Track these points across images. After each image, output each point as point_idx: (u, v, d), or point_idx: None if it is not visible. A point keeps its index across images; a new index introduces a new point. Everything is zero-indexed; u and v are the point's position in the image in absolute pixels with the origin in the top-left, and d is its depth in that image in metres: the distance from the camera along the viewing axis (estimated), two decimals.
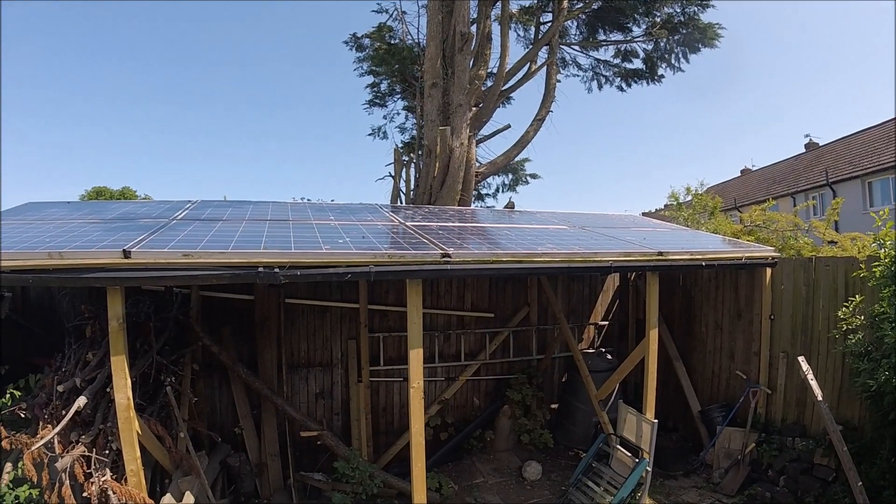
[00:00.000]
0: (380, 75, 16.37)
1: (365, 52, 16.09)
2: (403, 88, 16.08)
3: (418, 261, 5.06)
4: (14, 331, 6.39)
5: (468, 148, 11.65)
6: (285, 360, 7.44)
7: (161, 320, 6.10)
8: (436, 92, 11.88)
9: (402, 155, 13.49)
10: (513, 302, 8.65)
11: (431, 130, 11.72)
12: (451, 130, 11.37)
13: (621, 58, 15.03)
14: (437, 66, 11.88)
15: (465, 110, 11.66)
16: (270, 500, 6.81)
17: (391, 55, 15.11)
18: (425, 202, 11.57)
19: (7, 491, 4.56)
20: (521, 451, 8.21)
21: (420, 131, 13.43)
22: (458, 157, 11.27)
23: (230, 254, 4.65)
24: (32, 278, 4.50)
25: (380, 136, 17.87)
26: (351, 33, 15.97)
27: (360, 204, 8.41)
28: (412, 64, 14.83)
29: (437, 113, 11.87)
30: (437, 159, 11.29)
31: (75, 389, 4.84)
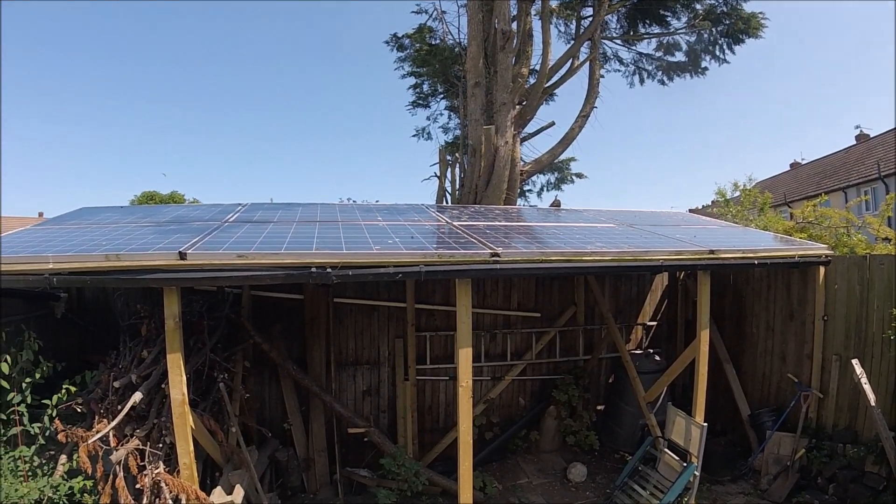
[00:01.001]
0: (422, 76, 16.33)
1: (406, 53, 16.07)
2: (446, 88, 16.00)
3: (467, 260, 5.06)
4: (70, 329, 6.61)
5: (513, 146, 11.54)
6: (333, 358, 7.53)
7: (214, 319, 6.24)
8: (479, 91, 11.80)
9: (446, 155, 13.46)
10: (559, 301, 8.57)
11: (475, 130, 11.66)
12: (496, 129, 11.28)
13: (664, 51, 14.71)
14: (480, 65, 11.79)
15: (509, 108, 11.56)
16: (317, 495, 6.93)
17: (432, 55, 15.06)
18: (471, 202, 11.52)
19: (61, 482, 4.72)
20: (566, 452, 8.14)
21: (464, 131, 13.38)
22: (503, 156, 11.18)
23: (283, 254, 4.73)
24: (90, 279, 4.68)
25: (424, 137, 17.92)
26: (391, 33, 15.99)
27: (406, 204, 8.45)
28: (454, 64, 14.75)
29: (480, 112, 11.79)
30: (481, 158, 11.23)
31: (131, 385, 4.97)
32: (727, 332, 8.25)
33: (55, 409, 5.01)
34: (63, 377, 5.35)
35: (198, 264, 4.62)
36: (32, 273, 4.63)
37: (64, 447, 4.97)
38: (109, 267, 4.61)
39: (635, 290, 8.97)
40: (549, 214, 8.84)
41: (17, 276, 4.67)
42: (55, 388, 5.19)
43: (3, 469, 4.61)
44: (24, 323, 5.49)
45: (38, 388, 5.15)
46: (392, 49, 16.10)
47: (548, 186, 17.94)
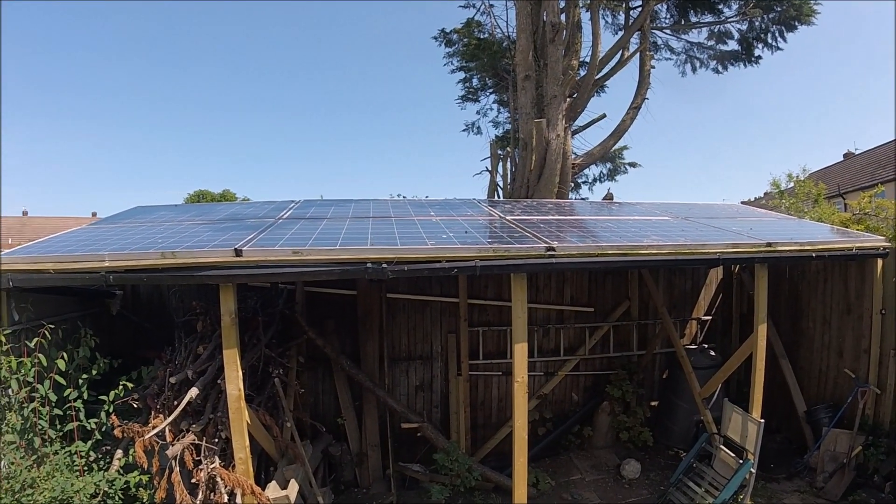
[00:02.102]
0: (471, 70, 16.33)
1: (454, 48, 16.10)
2: (495, 83, 15.97)
3: (523, 255, 4.98)
4: (125, 326, 6.71)
5: (564, 139, 11.40)
6: (386, 353, 7.54)
7: (268, 315, 6.29)
8: (529, 84, 11.68)
9: (497, 149, 13.39)
10: (613, 296, 8.42)
11: (527, 123, 11.52)
12: (547, 122, 11.13)
13: (715, 39, 14.40)
14: (529, 59, 11.68)
15: (560, 101, 11.38)
16: (369, 490, 6.94)
17: (481, 50, 15.06)
18: (523, 196, 11.43)
19: (117, 476, 4.76)
20: (620, 448, 8.00)
21: (514, 125, 13.29)
22: (555, 149, 11.04)
23: (339, 250, 4.73)
24: (146, 277, 4.73)
25: (474, 132, 17.96)
26: (439, 29, 15.99)
27: (458, 199, 8.39)
28: (502, 57, 14.70)
29: (531, 105, 11.68)
30: (533, 152, 11.10)
31: (187, 381, 5.02)
32: (782, 327, 8.00)
33: (112, 404, 5.07)
34: (119, 373, 5.40)
35: (253, 261, 4.64)
36: (89, 271, 4.71)
37: (120, 442, 5.05)
38: (166, 264, 4.66)
39: (689, 283, 8.77)
40: (602, 208, 8.70)
41: (73, 274, 4.77)
42: (111, 384, 5.24)
43: (59, 464, 4.65)
44: (79, 320, 5.58)
45: (94, 384, 5.20)
46: (440, 44, 16.19)
47: (600, 178, 17.79)
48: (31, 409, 4.75)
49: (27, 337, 4.97)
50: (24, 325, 5.15)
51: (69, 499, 4.42)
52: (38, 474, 4.51)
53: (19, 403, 4.75)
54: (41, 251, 5.27)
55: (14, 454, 4.60)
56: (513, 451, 5.20)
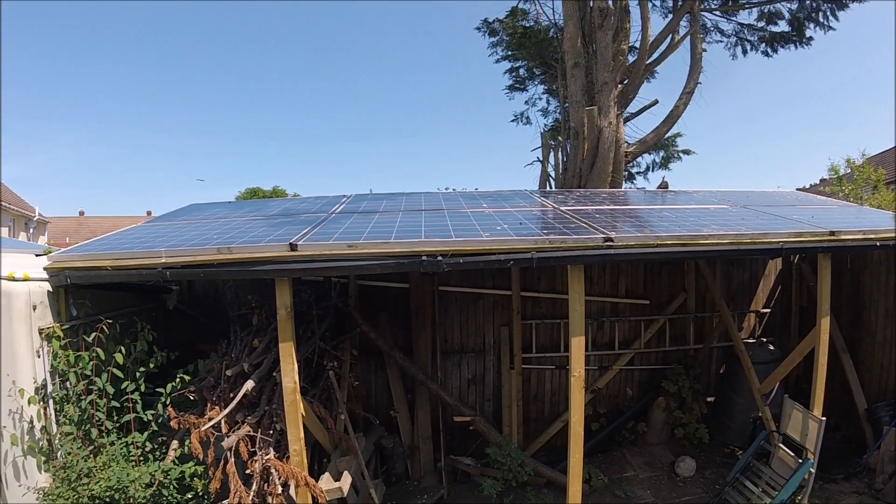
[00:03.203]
0: (517, 59, 16.17)
1: (498, 37, 15.94)
2: (542, 71, 15.78)
3: (580, 246, 4.87)
4: (181, 320, 6.82)
5: (616, 127, 11.19)
6: (439, 347, 7.51)
7: (322, 308, 6.34)
8: (578, 72, 11.48)
9: (549, 139, 13.23)
10: (669, 288, 8.19)
11: (577, 111, 11.34)
12: (598, 110, 10.95)
13: (765, 20, 13.92)
14: (578, 45, 11.48)
15: (611, 88, 11.16)
16: (421, 482, 6.95)
17: (527, 38, 14.87)
18: (575, 186, 11.25)
19: (173, 467, 4.83)
20: (674, 445, 7.81)
21: (565, 113, 13.14)
22: (607, 138, 10.84)
23: (393, 243, 4.70)
24: (203, 272, 4.81)
25: (523, 122, 17.87)
26: (482, 19, 15.86)
27: (510, 190, 8.26)
28: (549, 45, 14.51)
29: (581, 93, 11.49)
30: (584, 141, 10.92)
31: (242, 373, 5.06)
32: (843, 320, 7.68)
33: (168, 396, 5.15)
34: (175, 366, 5.51)
35: (308, 255, 4.67)
36: (146, 267, 4.81)
37: (175, 433, 5.12)
38: (222, 259, 4.72)
39: (748, 275, 8.49)
40: (658, 197, 8.46)
41: (130, 270, 4.87)
42: (168, 376, 5.34)
43: (115, 454, 4.76)
44: (137, 315, 5.67)
45: (151, 377, 5.31)
46: (483, 35, 16.06)
47: (653, 166, 17.49)
48: (88, 401, 4.86)
49: (85, 331, 5.06)
50: (83, 321, 5.24)
51: (125, 488, 4.52)
52: (95, 464, 4.63)
53: (77, 396, 4.88)
54: (98, 249, 5.39)
55: (71, 445, 4.74)
56: (567, 447, 5.12)
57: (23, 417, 4.70)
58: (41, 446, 4.76)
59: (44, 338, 4.84)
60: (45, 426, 4.78)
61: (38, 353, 4.81)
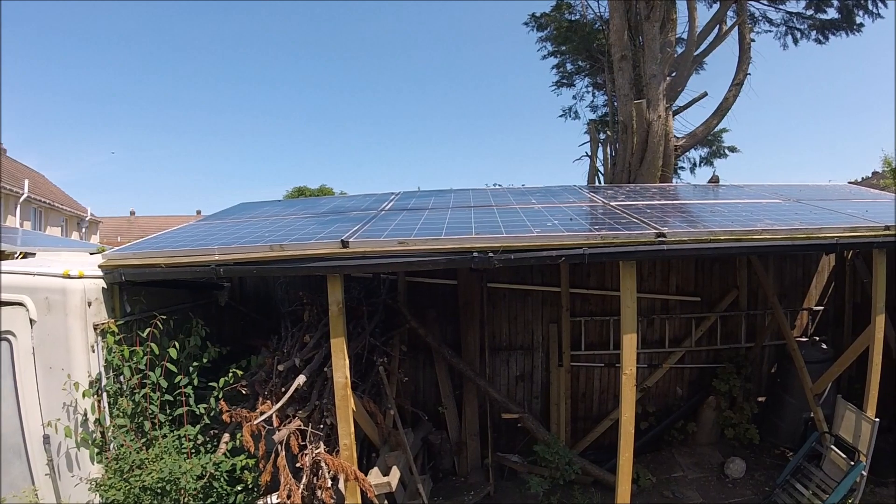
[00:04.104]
0: (563, 54, 16.05)
1: (546, 33, 15.82)
2: (589, 65, 15.63)
3: (632, 241, 4.79)
4: (233, 316, 6.93)
5: (665, 120, 11.00)
6: (487, 343, 7.47)
7: (371, 305, 6.39)
8: (626, 65, 11.34)
9: (597, 133, 13.10)
10: (720, 285, 8.00)
11: (626, 105, 11.23)
12: (647, 103, 10.79)
13: (814, 8, 13.47)
14: (625, 38, 11.34)
15: (660, 81, 10.97)
16: (467, 479, 6.94)
17: (573, 32, 14.74)
18: (624, 180, 11.11)
19: (224, 459, 4.89)
20: (724, 445, 7.62)
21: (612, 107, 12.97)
22: (657, 131, 10.67)
23: (444, 240, 4.71)
24: (256, 269, 4.88)
25: (571, 116, 17.74)
26: (530, 14, 15.78)
27: (559, 186, 8.20)
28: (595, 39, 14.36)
29: (629, 86, 11.34)
30: (633, 135, 10.80)
31: (294, 368, 5.12)
32: None
33: (221, 390, 5.21)
34: (227, 361, 5.57)
35: (360, 251, 4.70)
36: (199, 264, 4.93)
37: (227, 426, 5.17)
38: (274, 257, 4.80)
39: (800, 271, 8.26)
40: (708, 191, 8.29)
41: (184, 267, 4.99)
42: (220, 370, 5.40)
43: (168, 446, 4.84)
44: (190, 311, 5.75)
45: (203, 372, 5.36)
46: (531, 29, 16.01)
47: (700, 162, 17.26)
48: (142, 394, 4.95)
49: (139, 327, 5.15)
50: (137, 316, 5.35)
51: (176, 480, 4.59)
52: (147, 456, 4.71)
53: (131, 389, 4.97)
54: (152, 247, 5.53)
55: (124, 437, 4.83)
56: (615, 446, 5.08)
57: (77, 410, 4.82)
58: (94, 438, 4.87)
59: (98, 333, 4.95)
60: (99, 419, 4.90)
61: (93, 347, 4.92)
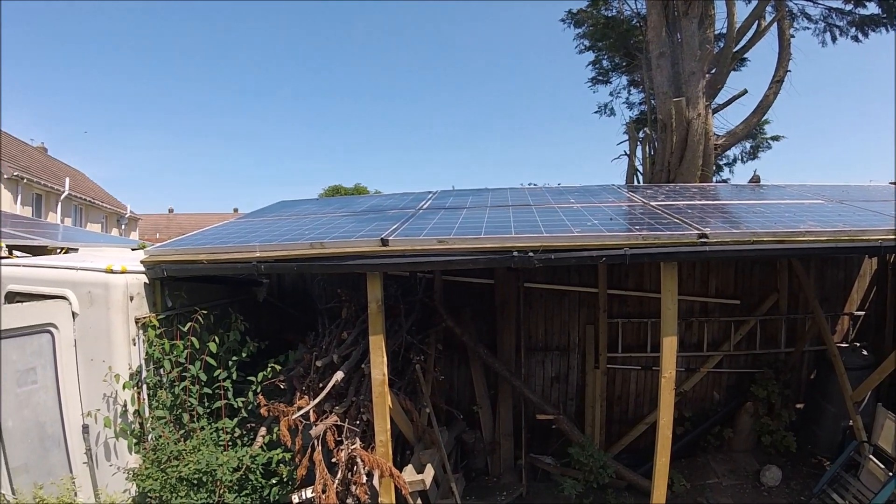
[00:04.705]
0: (600, 50, 15.93)
1: (582, 29, 15.71)
2: (627, 62, 15.49)
3: (674, 242, 4.72)
4: (270, 312, 7.01)
5: (705, 118, 10.86)
6: (523, 343, 7.44)
7: (408, 303, 6.43)
8: (664, 62, 11.18)
9: (635, 131, 12.95)
10: (760, 287, 7.81)
11: (664, 103, 11.05)
12: (686, 101, 10.64)
13: (853, 3, 13.20)
14: (663, 34, 11.18)
15: (699, 78, 10.84)
16: (500, 479, 6.94)
17: (609, 28, 14.61)
18: (663, 180, 10.98)
19: (260, 452, 4.96)
20: (760, 453, 7.47)
21: (650, 105, 12.82)
22: (696, 130, 10.54)
23: (483, 239, 4.71)
24: (297, 266, 4.97)
25: (607, 114, 17.58)
26: (567, 10, 15.68)
27: (598, 185, 8.12)
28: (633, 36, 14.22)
29: (668, 84, 11.19)
30: (673, 133, 10.65)
31: (331, 365, 5.16)
32: None
33: (260, 385, 5.29)
34: (265, 356, 5.65)
35: (399, 250, 4.73)
36: (241, 261, 5.01)
37: (264, 420, 5.26)
38: (314, 254, 4.86)
39: (842, 274, 8.06)
40: (749, 191, 8.10)
41: (225, 264, 5.07)
42: (257, 365, 5.48)
43: (205, 438, 4.94)
44: (229, 307, 5.83)
45: (242, 366, 5.46)
46: (568, 25, 15.89)
47: (743, 157, 16.88)
48: (181, 387, 5.06)
49: (180, 321, 5.26)
50: (178, 311, 5.46)
51: (213, 471, 4.67)
52: (185, 447, 4.81)
53: (170, 382, 5.09)
54: (194, 243, 5.65)
55: (163, 428, 4.93)
56: (650, 450, 5.04)
57: (116, 401, 4.95)
58: (133, 429, 4.98)
59: (140, 327, 5.07)
60: (138, 410, 5.01)
61: (134, 341, 5.05)
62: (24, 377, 4.83)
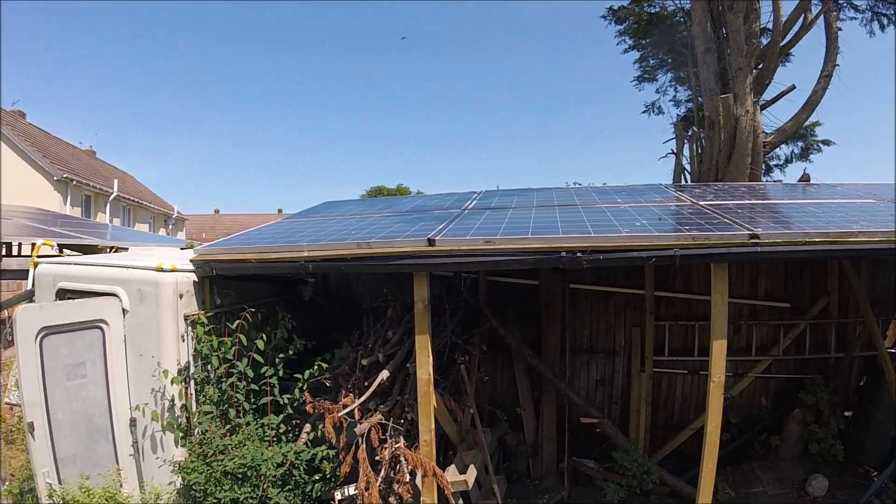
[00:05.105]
0: (644, 48, 15.76)
1: (624, 26, 15.56)
2: (672, 59, 15.30)
3: (724, 242, 4.61)
4: (315, 310, 7.07)
5: (753, 115, 10.63)
6: (568, 345, 7.37)
7: (453, 303, 6.42)
8: (710, 58, 11.04)
9: (682, 129, 12.78)
10: (810, 290, 7.58)
11: (711, 100, 10.87)
12: (734, 97, 10.46)
13: None
14: (708, 30, 11.04)
15: (746, 74, 10.63)
16: (542, 482, 6.89)
17: (653, 25, 14.44)
18: (712, 179, 10.81)
19: (304, 449, 5.02)
20: (807, 461, 7.24)
21: (697, 102, 12.64)
22: (745, 127, 10.33)
23: (531, 239, 4.68)
24: (344, 266, 5.05)
25: (654, 112, 17.43)
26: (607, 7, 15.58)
27: (645, 185, 8.00)
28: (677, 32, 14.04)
29: (714, 80, 11.04)
30: (720, 131, 10.47)
31: (377, 364, 5.19)
32: None
33: (306, 382, 5.36)
34: (310, 354, 5.72)
35: (446, 250, 4.74)
36: (289, 260, 5.09)
37: (308, 417, 5.31)
38: (362, 254, 4.89)
39: (893, 277, 7.76)
40: (799, 190, 7.93)
41: (274, 263, 5.17)
42: (302, 363, 5.56)
43: (251, 434, 5.01)
44: (276, 305, 5.92)
45: (288, 363, 5.52)
46: (609, 23, 15.77)
47: (791, 158, 16.54)
48: (228, 383, 5.14)
49: (228, 319, 5.36)
50: (226, 309, 5.57)
51: (257, 466, 4.74)
52: (231, 442, 4.88)
53: (218, 378, 5.18)
54: (242, 243, 5.77)
55: (209, 423, 5.03)
56: (695, 456, 4.97)
57: (164, 396, 5.10)
58: (179, 423, 5.11)
59: (189, 324, 5.20)
60: (186, 405, 5.13)
61: (183, 337, 5.18)
62: (74, 371, 4.99)
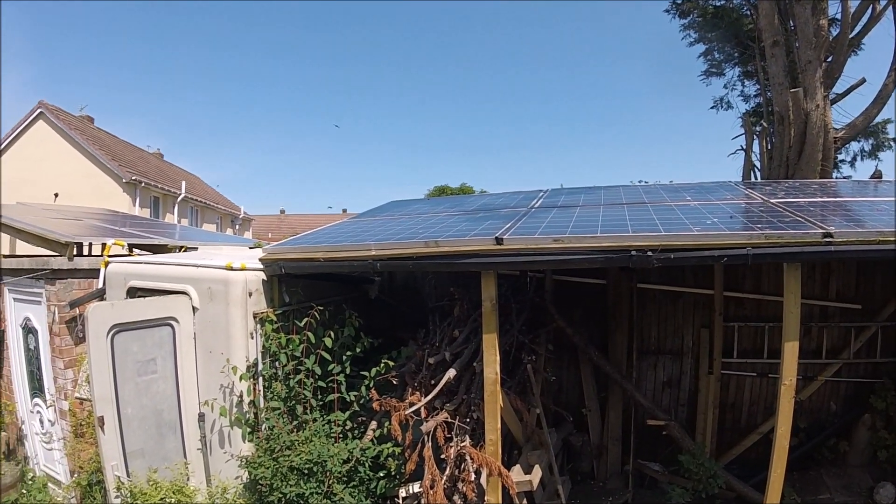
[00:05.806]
0: (710, 41, 15.44)
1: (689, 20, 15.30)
2: (740, 52, 14.94)
3: (797, 241, 4.48)
4: (381, 309, 7.16)
5: (824, 110, 10.34)
6: (635, 346, 7.28)
7: (519, 302, 6.42)
8: (778, 51, 10.74)
9: (751, 125, 12.47)
10: (882, 291, 7.27)
11: (780, 94, 10.62)
12: (804, 91, 10.17)
13: None
14: (775, 22, 10.73)
15: (816, 67, 10.32)
16: (606, 484, 6.84)
17: (719, 18, 14.12)
18: (782, 175, 10.53)
19: (370, 445, 5.11)
20: (875, 468, 6.96)
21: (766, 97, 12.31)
22: (815, 122, 10.03)
23: (600, 238, 4.63)
24: (412, 264, 5.06)
25: (723, 107, 17.13)
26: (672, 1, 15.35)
27: (714, 182, 7.83)
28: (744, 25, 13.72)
29: (783, 74, 10.76)
30: (790, 126, 10.20)
31: (443, 362, 5.23)
32: None
33: (373, 380, 5.42)
34: (376, 352, 5.79)
35: (514, 249, 4.72)
36: (357, 259, 5.15)
37: (374, 415, 5.39)
38: (429, 252, 4.93)
39: None
40: (871, 188, 7.66)
41: (342, 262, 5.24)
42: (369, 361, 5.63)
43: (318, 430, 5.11)
44: (343, 303, 6.03)
45: (355, 361, 5.62)
46: (673, 17, 15.53)
47: (861, 155, 15.96)
48: (296, 380, 5.26)
49: (296, 317, 5.48)
50: (294, 307, 5.70)
51: (323, 462, 4.83)
52: (297, 438, 4.99)
53: (286, 375, 5.29)
54: (310, 242, 5.89)
55: (277, 419, 5.15)
56: (762, 461, 4.89)
57: (233, 392, 5.24)
58: (247, 419, 5.24)
59: (257, 321, 5.34)
60: (254, 401, 5.26)
61: (252, 334, 5.32)
62: (144, 367, 5.17)
